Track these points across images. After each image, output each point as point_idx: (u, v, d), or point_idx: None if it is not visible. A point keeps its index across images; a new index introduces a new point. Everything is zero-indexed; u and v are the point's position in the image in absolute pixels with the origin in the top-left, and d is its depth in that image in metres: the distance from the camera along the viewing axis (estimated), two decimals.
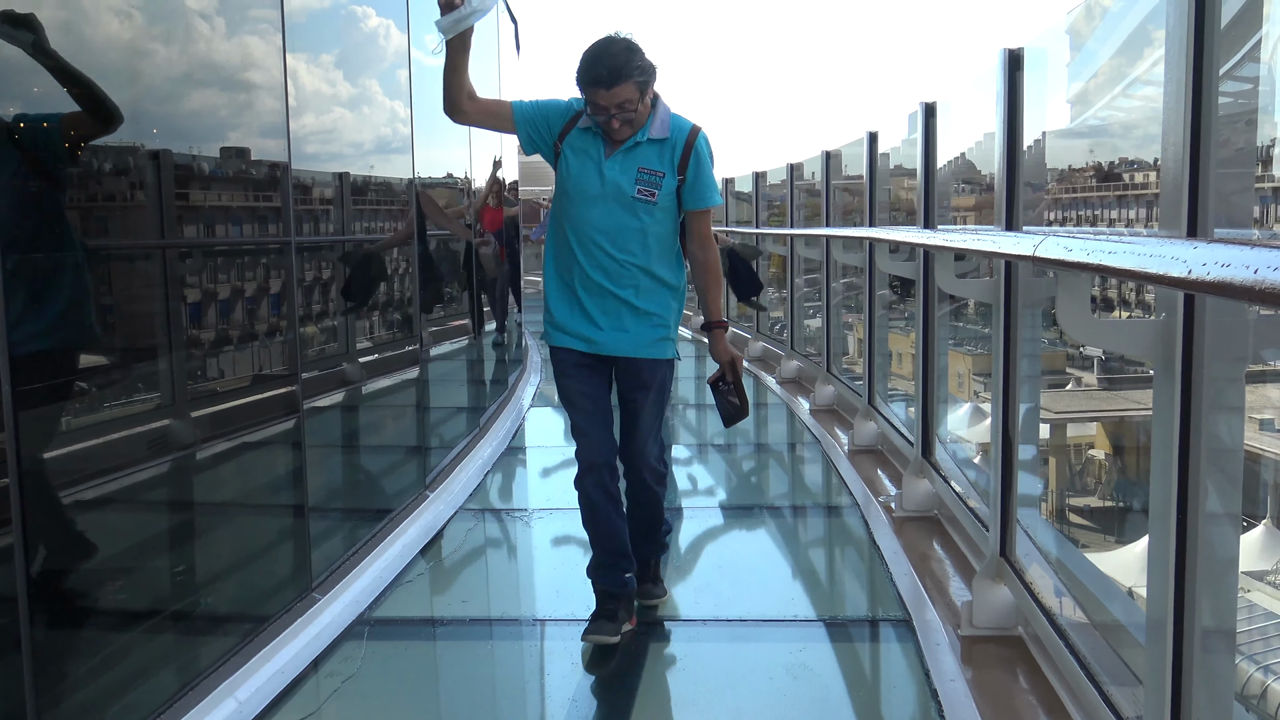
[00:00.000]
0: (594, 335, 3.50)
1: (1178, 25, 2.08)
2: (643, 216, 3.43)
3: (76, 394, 2.94)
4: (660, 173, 3.42)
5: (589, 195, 3.42)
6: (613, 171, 3.41)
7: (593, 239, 3.44)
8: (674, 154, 3.44)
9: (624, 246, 3.44)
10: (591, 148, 3.44)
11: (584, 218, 3.45)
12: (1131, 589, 4.44)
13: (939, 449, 4.88)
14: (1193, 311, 2.04)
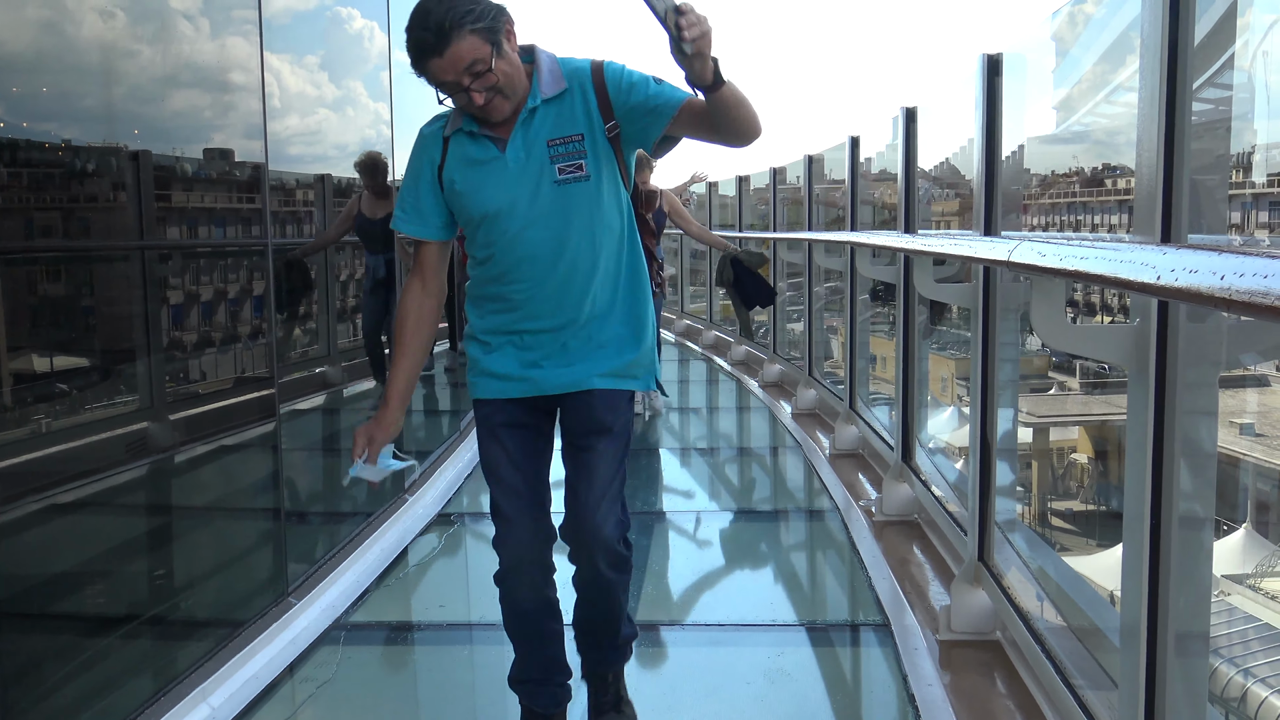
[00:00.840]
0: (533, 374, 2.62)
1: (1153, 32, 2.09)
2: (580, 204, 2.50)
3: (56, 396, 2.93)
4: (576, 135, 2.49)
5: (500, 212, 2.49)
6: (517, 162, 2.48)
7: (525, 268, 2.53)
8: (586, 102, 2.50)
9: (567, 255, 2.52)
10: (477, 150, 2.52)
11: (508, 250, 2.52)
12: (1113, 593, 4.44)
13: (919, 453, 4.89)
14: (1166, 317, 2.05)
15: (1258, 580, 10.73)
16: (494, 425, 2.67)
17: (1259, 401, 8.90)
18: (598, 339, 2.60)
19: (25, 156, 2.71)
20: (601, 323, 2.60)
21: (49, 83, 2.80)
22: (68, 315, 3.01)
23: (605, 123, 2.49)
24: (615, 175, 2.56)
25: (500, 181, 2.49)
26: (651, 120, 2.47)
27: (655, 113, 2.45)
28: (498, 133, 2.49)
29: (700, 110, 2.38)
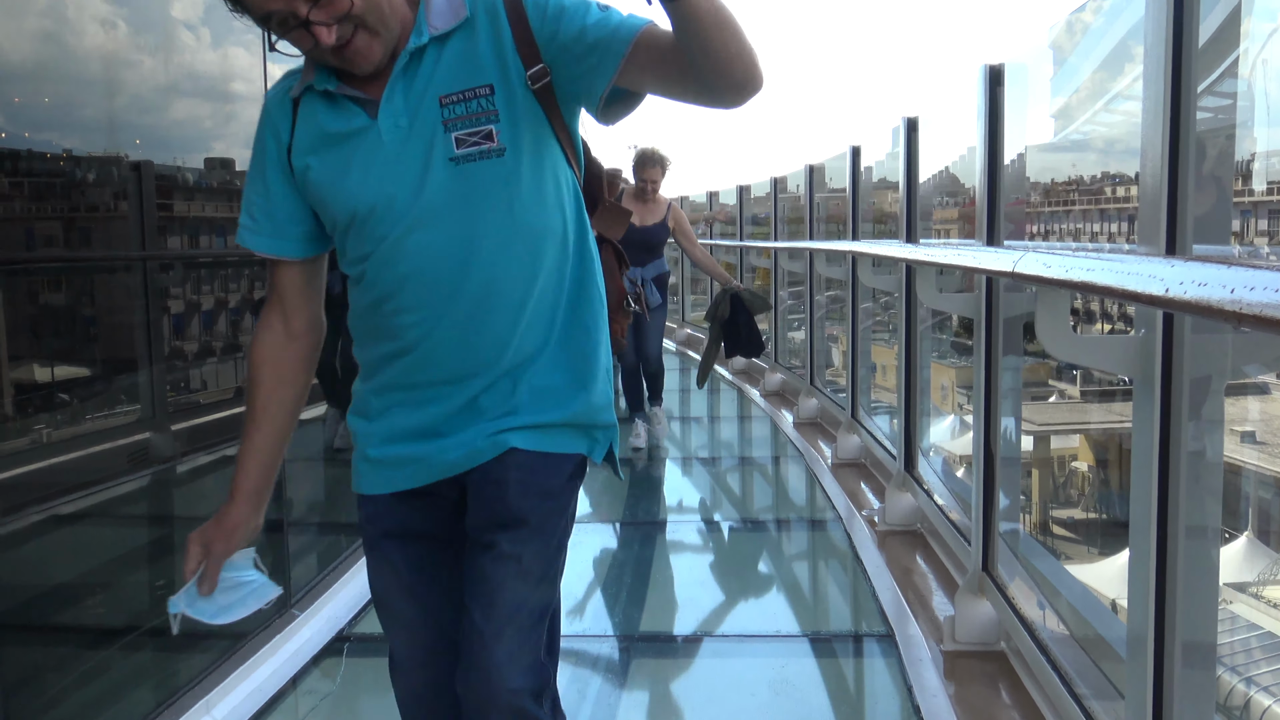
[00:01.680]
0: (425, 449, 1.80)
1: (1156, 42, 2.09)
2: (491, 190, 1.68)
3: (57, 406, 2.93)
4: (483, 87, 1.66)
5: (374, 210, 1.69)
6: (395, 132, 1.67)
7: (412, 291, 1.72)
8: (497, 38, 1.67)
9: (476, 271, 1.70)
10: (335, 119, 1.71)
11: (386, 265, 1.72)
12: (1115, 601, 4.44)
13: (921, 462, 4.88)
14: (1172, 328, 2.05)
15: (1260, 588, 10.70)
16: (378, 536, 1.88)
17: (1260, 409, 8.89)
18: (524, 392, 1.76)
19: (26, 166, 2.71)
20: (530, 369, 1.76)
21: (50, 92, 2.80)
22: (69, 325, 3.01)
23: (527, 68, 1.64)
24: (550, 147, 1.72)
25: (369, 163, 1.67)
26: (596, 62, 1.62)
27: (599, 49, 1.61)
28: (366, 90, 1.67)
29: (666, 42, 1.56)
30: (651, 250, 6.71)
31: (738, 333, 6.31)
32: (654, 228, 6.68)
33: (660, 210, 6.71)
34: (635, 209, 6.45)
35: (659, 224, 6.69)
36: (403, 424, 1.79)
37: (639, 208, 6.54)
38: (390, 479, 1.82)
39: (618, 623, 3.92)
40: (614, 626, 3.89)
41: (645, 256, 6.59)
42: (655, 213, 6.69)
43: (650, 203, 6.69)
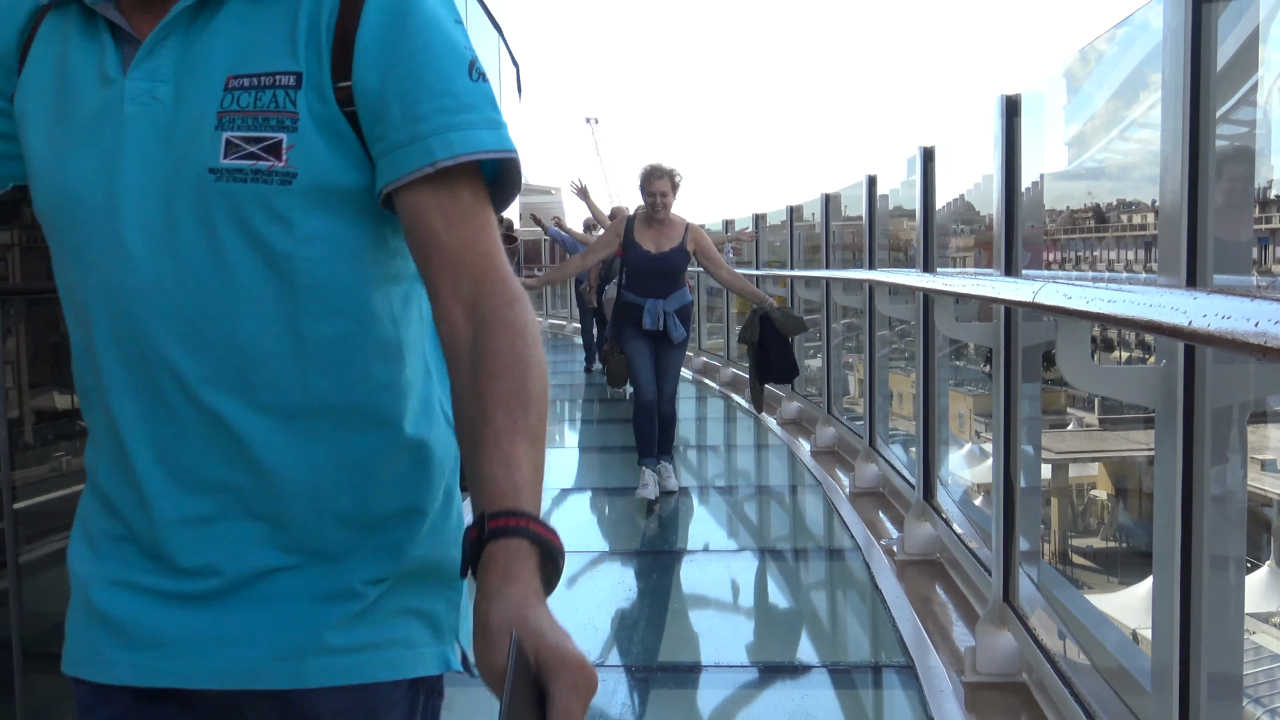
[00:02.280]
0: (166, 629, 1.12)
1: (1174, 70, 2.10)
2: (260, 236, 1.05)
3: (77, 434, 2.94)
4: (288, 75, 1.06)
5: (80, 208, 1.09)
6: (143, 104, 1.07)
7: (112, 354, 1.10)
8: (315, 21, 1.07)
9: (220, 350, 1.08)
10: (84, 59, 1.11)
11: (87, 300, 1.12)
12: (1135, 631, 4.41)
13: (940, 491, 4.86)
14: (1193, 358, 2.04)
15: None
16: None
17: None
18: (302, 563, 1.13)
19: None
20: (314, 517, 1.12)
21: None
22: None
23: (337, 80, 1.07)
24: (357, 180, 1.09)
25: (95, 138, 1.09)
26: (378, 151, 1.08)
27: (384, 146, 1.07)
28: (136, 25, 1.10)
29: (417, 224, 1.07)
30: (671, 279, 6.11)
31: (767, 357, 5.93)
32: (671, 253, 6.05)
33: (677, 233, 6.06)
34: (648, 235, 6.05)
35: (677, 249, 6.06)
36: (128, 576, 1.15)
37: (652, 233, 6.05)
38: (106, 666, 1.19)
39: (636, 653, 3.90)
40: (632, 656, 3.87)
41: (665, 286, 6.07)
42: (671, 236, 6.06)
43: (664, 225, 6.05)
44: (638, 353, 6.11)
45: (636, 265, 6.10)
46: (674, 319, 6.07)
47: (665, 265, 6.04)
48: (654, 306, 6.03)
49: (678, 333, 6.07)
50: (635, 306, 6.09)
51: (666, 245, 6.04)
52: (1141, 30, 2.94)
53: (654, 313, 6.02)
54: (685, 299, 6.22)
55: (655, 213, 6.00)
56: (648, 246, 6.06)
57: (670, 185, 6.01)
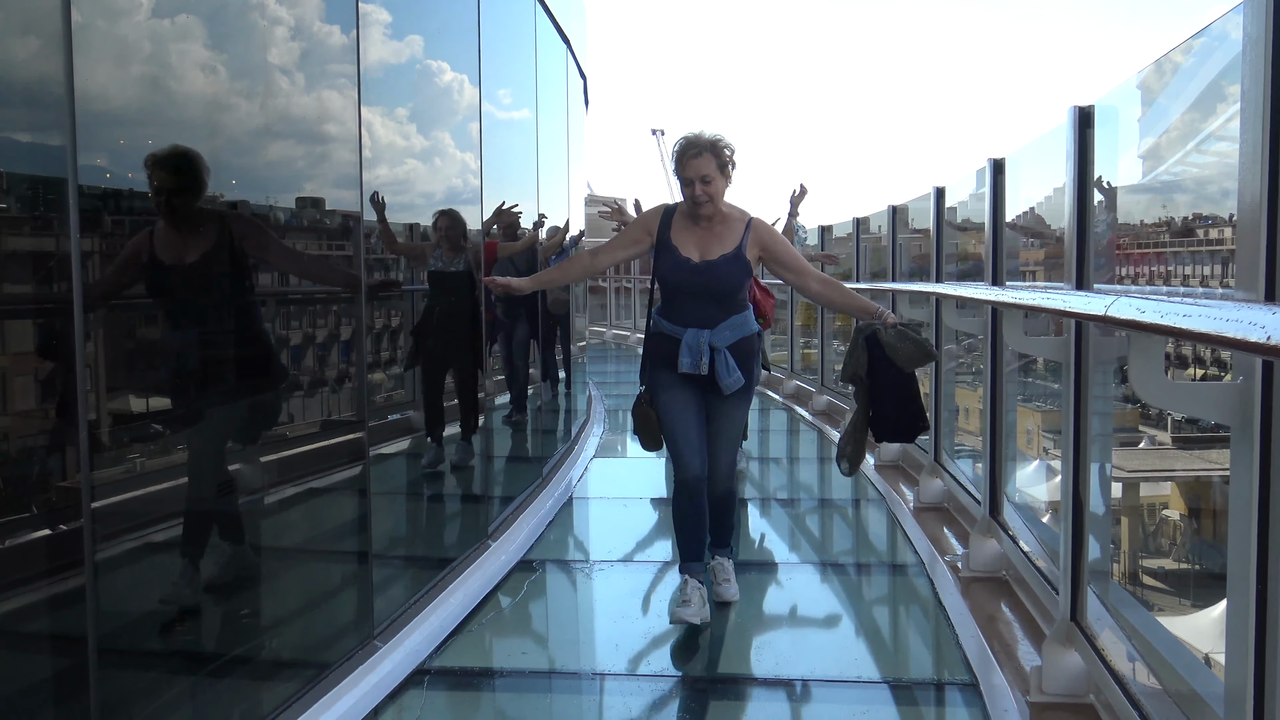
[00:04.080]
0: None
1: (1254, 84, 2.05)
2: None
3: (151, 437, 3.01)
4: None
5: None
6: None
7: None
8: None
9: None
10: None
11: None
12: (1208, 655, 4.31)
13: (1007, 507, 4.79)
14: (1271, 375, 1.99)
15: None
16: None
17: None
18: None
19: (129, 205, 2.81)
20: None
21: (154, 135, 2.90)
22: (163, 359, 3.10)
23: None
24: None
25: None
26: None
27: None
28: None
29: None
30: (722, 300, 4.16)
31: (878, 394, 4.04)
32: (722, 263, 4.13)
33: (733, 234, 4.16)
34: (690, 236, 4.17)
35: (730, 256, 4.13)
36: None
37: (697, 234, 4.17)
38: None
39: (696, 664, 3.89)
40: (693, 667, 3.86)
41: (712, 311, 4.16)
42: (724, 238, 4.15)
43: (713, 221, 4.17)
44: (675, 407, 4.24)
45: (671, 278, 4.19)
46: (726, 360, 4.13)
47: (714, 280, 4.11)
48: (695, 340, 4.12)
49: (730, 379, 4.14)
50: (669, 340, 4.21)
51: (716, 251, 4.12)
52: (1220, 41, 2.88)
53: (695, 348, 4.11)
54: (746, 329, 4.24)
55: (698, 208, 4.09)
56: (688, 252, 4.13)
57: (716, 164, 4.03)
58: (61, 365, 2.45)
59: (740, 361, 4.16)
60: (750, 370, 4.25)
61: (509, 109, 6.61)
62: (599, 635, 4.47)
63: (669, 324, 4.20)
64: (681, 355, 4.11)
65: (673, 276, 4.16)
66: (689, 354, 4.10)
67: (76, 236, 2.39)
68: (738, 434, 4.49)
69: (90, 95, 2.53)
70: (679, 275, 4.13)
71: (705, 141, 4.03)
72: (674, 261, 4.14)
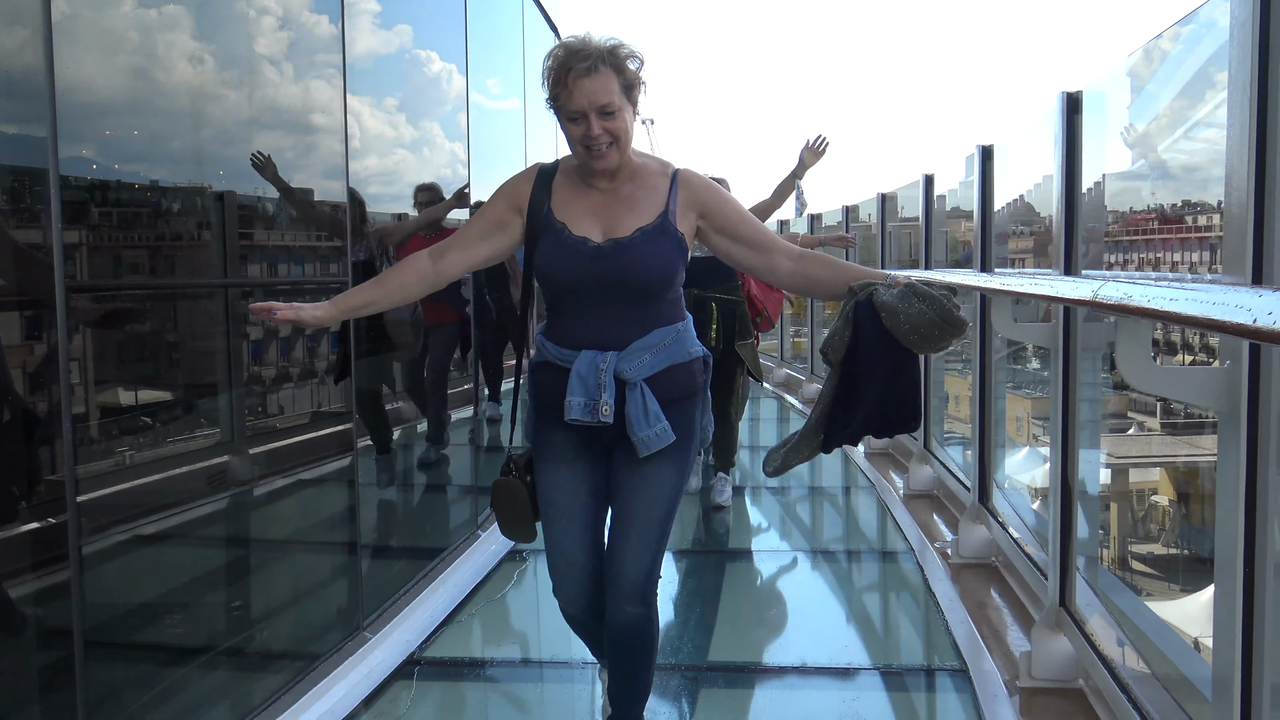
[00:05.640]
0: None
1: (1241, 69, 2.05)
2: None
3: (140, 429, 3.00)
4: None
5: None
6: None
7: None
8: None
9: None
10: None
11: None
12: (1197, 639, 4.33)
13: (996, 494, 4.80)
14: (1259, 359, 2.00)
15: None
16: None
17: None
18: None
19: (115, 196, 2.80)
20: None
21: (140, 126, 2.88)
22: (152, 350, 3.09)
23: None
24: None
25: None
26: None
27: None
28: None
29: None
30: (640, 304, 2.65)
31: (858, 386, 2.58)
32: (639, 240, 2.63)
33: (654, 194, 2.68)
34: (582, 203, 2.66)
35: (653, 229, 2.62)
36: None
37: (593, 200, 2.66)
38: None
39: (687, 652, 3.90)
40: (683, 656, 3.87)
41: (624, 322, 2.64)
42: (641, 203, 2.66)
43: (620, 181, 2.66)
44: (555, 493, 2.77)
45: (558, 272, 2.64)
46: (643, 399, 2.62)
47: (627, 269, 2.60)
48: (591, 368, 2.61)
49: (648, 431, 2.62)
50: (556, 372, 2.67)
51: (628, 224, 2.63)
52: (1207, 28, 2.88)
53: (590, 381, 2.61)
54: (680, 350, 2.70)
55: (595, 159, 2.57)
56: (583, 230, 2.63)
57: (619, 86, 2.51)
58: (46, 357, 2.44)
59: (669, 401, 2.65)
60: (688, 417, 2.71)
61: (497, 98, 6.58)
62: None
63: (555, 347, 2.65)
64: (570, 393, 2.58)
65: (561, 269, 2.59)
66: (580, 390, 2.58)
67: (58, 228, 2.37)
68: (659, 523, 2.68)
69: (75, 86, 2.51)
70: (570, 266, 2.58)
71: (599, 50, 2.52)
72: (560, 245, 2.60)
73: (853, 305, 2.52)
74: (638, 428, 2.60)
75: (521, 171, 2.75)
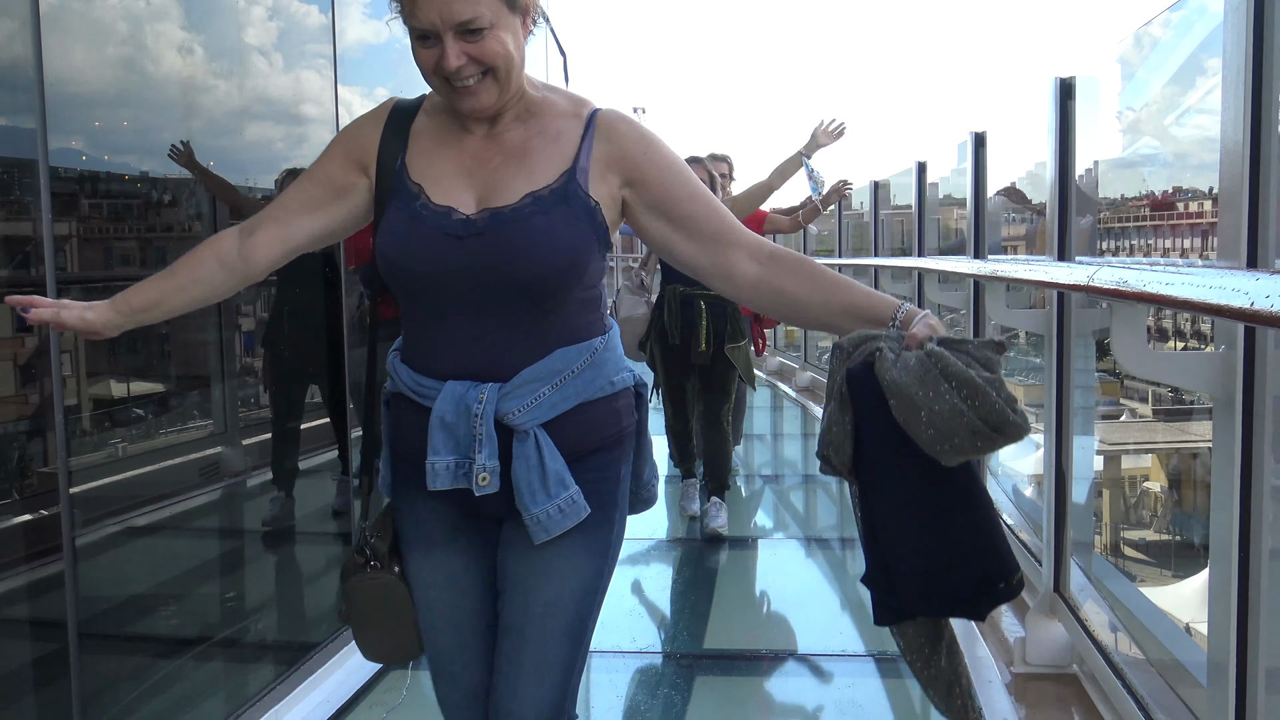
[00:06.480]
0: None
1: (1235, 52, 2.04)
2: None
3: (132, 421, 2.99)
4: None
5: None
6: None
7: None
8: None
9: None
10: None
11: None
12: (1189, 625, 4.35)
13: (990, 480, 4.81)
14: (1254, 343, 2.00)
15: None
16: None
17: None
18: None
19: (106, 188, 2.79)
20: None
21: (129, 117, 2.87)
22: (144, 343, 3.08)
23: None
24: None
25: None
26: None
27: None
28: None
29: None
30: (530, 307, 1.71)
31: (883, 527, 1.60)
32: (529, 211, 1.68)
33: (557, 143, 1.75)
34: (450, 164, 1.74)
35: (551, 195, 1.69)
36: None
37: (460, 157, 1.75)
38: None
39: (682, 640, 3.90)
40: (678, 644, 3.87)
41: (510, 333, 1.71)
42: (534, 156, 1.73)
43: (503, 126, 1.71)
44: (434, 580, 1.88)
45: (412, 259, 1.72)
46: (539, 455, 1.72)
47: (509, 254, 1.67)
48: (456, 407, 1.71)
49: (544, 506, 1.72)
50: (415, 409, 1.77)
51: (514, 188, 1.71)
52: (1198, 15, 2.88)
53: (455, 427, 1.71)
54: (599, 378, 1.79)
55: (460, 96, 1.68)
56: (446, 197, 1.73)
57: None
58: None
59: (581, 455, 1.79)
60: (610, 478, 1.85)
61: None
62: None
63: (411, 374, 1.79)
64: (431, 450, 1.74)
65: (411, 255, 1.73)
66: (445, 445, 1.73)
67: (48, 219, 2.36)
68: (565, 639, 1.82)
69: (64, 78, 2.50)
70: (425, 251, 1.72)
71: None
72: (413, 220, 1.73)
73: (844, 377, 1.57)
74: (531, 500, 1.71)
75: (370, 110, 1.87)
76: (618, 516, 1.89)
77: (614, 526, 1.89)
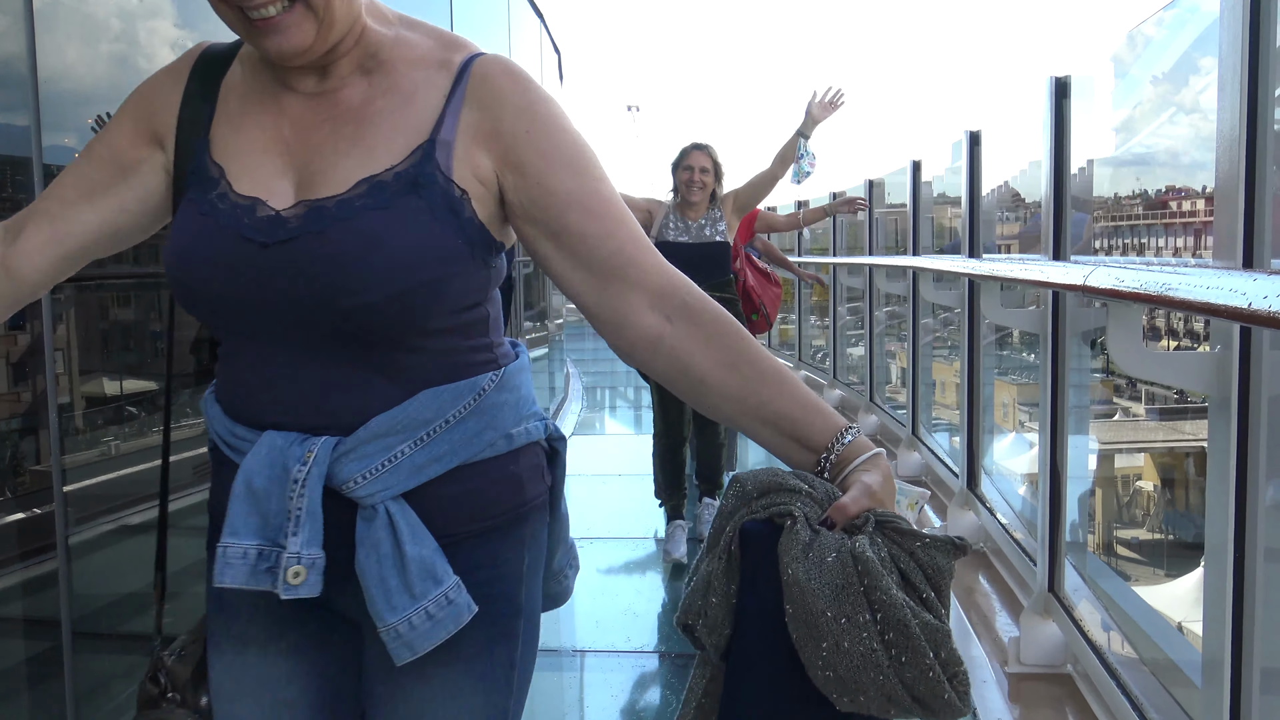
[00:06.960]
0: None
1: (1231, 49, 2.05)
2: None
3: (125, 419, 2.98)
4: None
5: None
6: None
7: None
8: None
9: None
10: None
11: None
12: (1181, 624, 4.36)
13: (984, 480, 4.81)
14: (1249, 343, 2.00)
15: None
16: None
17: None
18: None
19: None
20: None
21: None
22: (137, 340, 3.07)
23: None
24: None
25: None
26: None
27: None
28: None
29: None
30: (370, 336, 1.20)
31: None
32: (379, 198, 1.16)
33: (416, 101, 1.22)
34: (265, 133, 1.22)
35: (409, 172, 1.18)
36: None
37: (279, 126, 1.22)
38: None
39: (675, 639, 3.90)
40: (671, 644, 3.87)
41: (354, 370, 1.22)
42: (380, 118, 1.21)
43: (338, 80, 1.23)
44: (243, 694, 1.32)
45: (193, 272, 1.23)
46: (394, 539, 1.18)
47: (332, 273, 1.15)
48: (276, 467, 1.20)
49: (404, 614, 1.17)
50: (228, 466, 1.32)
51: (344, 170, 1.20)
52: (1191, 14, 2.88)
53: (265, 500, 1.20)
54: (488, 434, 1.25)
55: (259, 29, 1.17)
56: (257, 186, 1.22)
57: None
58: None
59: (464, 538, 1.25)
60: (506, 568, 1.29)
61: None
62: (579, 612, 4.48)
63: (223, 420, 1.34)
64: (227, 527, 1.24)
65: (201, 266, 1.22)
66: (247, 522, 1.23)
67: None
68: None
69: (58, 75, 2.49)
70: (218, 259, 1.20)
71: None
72: (207, 216, 1.23)
73: (735, 534, 1.15)
74: (385, 605, 1.18)
75: (174, 61, 1.37)
76: (522, 627, 1.30)
77: (516, 642, 1.29)
